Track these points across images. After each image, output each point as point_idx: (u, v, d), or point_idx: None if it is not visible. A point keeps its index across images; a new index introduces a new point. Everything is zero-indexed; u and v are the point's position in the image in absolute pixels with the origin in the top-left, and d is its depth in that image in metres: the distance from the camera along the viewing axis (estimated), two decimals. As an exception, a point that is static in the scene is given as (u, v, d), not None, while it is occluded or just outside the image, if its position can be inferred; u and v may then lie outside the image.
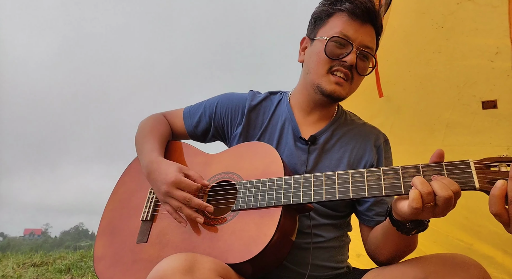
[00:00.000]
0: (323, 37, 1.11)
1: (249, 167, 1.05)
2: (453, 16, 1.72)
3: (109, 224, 1.17)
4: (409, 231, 0.86)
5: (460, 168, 0.77)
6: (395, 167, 0.84)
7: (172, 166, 1.04)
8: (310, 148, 1.14)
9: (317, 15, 1.16)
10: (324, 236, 1.10)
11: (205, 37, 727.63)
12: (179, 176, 1.00)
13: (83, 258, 3.40)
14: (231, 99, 1.27)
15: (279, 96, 1.29)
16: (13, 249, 16.12)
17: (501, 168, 0.74)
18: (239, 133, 1.22)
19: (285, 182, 0.96)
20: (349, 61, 1.07)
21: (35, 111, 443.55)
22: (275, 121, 1.22)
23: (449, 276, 0.79)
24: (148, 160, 1.11)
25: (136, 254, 1.05)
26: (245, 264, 0.89)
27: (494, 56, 1.61)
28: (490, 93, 1.64)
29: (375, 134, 1.21)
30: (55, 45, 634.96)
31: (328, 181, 0.91)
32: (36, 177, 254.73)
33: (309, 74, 1.14)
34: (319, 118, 1.21)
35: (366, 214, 1.11)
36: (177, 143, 1.29)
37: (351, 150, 1.16)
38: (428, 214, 0.77)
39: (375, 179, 0.85)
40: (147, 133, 1.23)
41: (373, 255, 1.07)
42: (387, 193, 0.82)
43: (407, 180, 0.80)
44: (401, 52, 1.95)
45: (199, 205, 0.99)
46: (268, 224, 0.92)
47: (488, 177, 0.73)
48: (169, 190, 1.00)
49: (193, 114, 1.31)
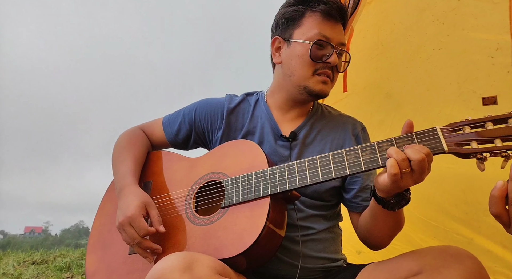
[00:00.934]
0: (304, 41, 1.13)
1: (234, 165, 1.07)
2: (454, 13, 1.72)
3: (98, 239, 1.17)
4: (394, 206, 0.90)
5: (429, 135, 0.82)
6: (371, 143, 0.88)
7: (136, 201, 1.02)
8: (292, 144, 1.17)
9: (290, 15, 1.17)
10: (314, 227, 1.12)
11: (209, 37, 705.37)
12: (136, 213, 0.99)
13: (84, 256, 3.40)
14: (209, 104, 1.28)
15: (255, 96, 1.31)
16: (14, 247, 16.16)
17: (465, 130, 0.79)
18: (220, 137, 1.23)
19: (270, 172, 0.99)
20: (332, 62, 1.12)
21: (35, 109, 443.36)
22: (255, 122, 1.24)
23: (443, 268, 0.80)
24: (120, 185, 1.11)
25: (129, 265, 1.05)
26: (240, 257, 0.90)
27: (495, 52, 1.62)
28: (491, 89, 1.65)
29: (351, 123, 1.25)
30: (58, 45, 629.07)
31: (311, 165, 0.94)
32: (37, 175, 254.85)
33: (293, 77, 1.16)
34: (297, 115, 1.24)
35: (353, 201, 1.15)
36: (158, 152, 1.29)
37: (331, 141, 1.19)
38: (407, 180, 0.81)
39: (354, 157, 0.89)
40: (122, 152, 1.22)
41: (365, 239, 1.11)
42: (366, 168, 0.87)
43: (383, 153, 0.85)
44: (402, 49, 1.96)
45: (147, 247, 0.99)
46: (259, 215, 0.93)
47: (455, 139, 0.80)
48: (123, 223, 0.99)
49: (172, 122, 1.31)
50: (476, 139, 0.78)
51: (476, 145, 0.77)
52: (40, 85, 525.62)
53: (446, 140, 0.80)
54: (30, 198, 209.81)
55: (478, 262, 0.81)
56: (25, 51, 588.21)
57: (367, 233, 1.08)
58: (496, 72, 1.62)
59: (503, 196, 0.69)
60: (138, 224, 0.98)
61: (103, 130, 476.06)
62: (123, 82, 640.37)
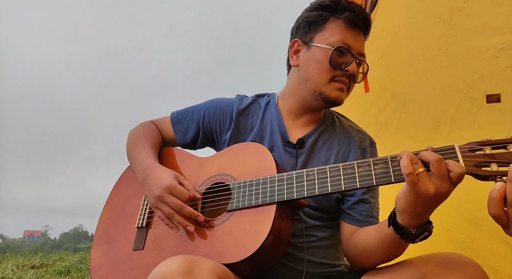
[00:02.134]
0: (325, 46, 1.10)
1: (242, 168, 1.06)
2: (459, 14, 1.76)
3: (104, 233, 1.17)
4: (414, 238, 0.82)
5: (446, 153, 0.78)
6: (384, 157, 0.84)
7: (168, 173, 1.05)
8: (298, 151, 1.15)
9: (313, 19, 1.15)
10: (316, 235, 1.10)
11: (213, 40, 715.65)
12: (174, 182, 1.01)
13: (83, 260, 3.38)
14: (219, 105, 1.27)
15: (266, 98, 1.29)
16: (13, 251, 16.10)
17: (486, 151, 0.75)
18: (228, 138, 1.21)
19: (278, 179, 0.97)
20: (351, 70, 1.10)
21: (35, 113, 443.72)
22: (265, 124, 1.22)
23: (445, 275, 0.79)
24: (145, 165, 1.11)
25: (133, 261, 1.05)
26: (243, 263, 0.89)
27: (499, 51, 1.65)
28: (495, 87, 1.69)
29: (360, 137, 1.22)
30: (63, 47, 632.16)
31: (320, 175, 0.92)
32: (36, 178, 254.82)
33: (309, 81, 1.14)
34: (307, 121, 1.22)
35: (347, 212, 1.10)
36: (170, 149, 1.29)
37: (337, 151, 1.17)
38: (426, 183, 0.74)
39: (366, 170, 0.85)
40: (139, 140, 1.23)
41: (356, 258, 1.02)
42: (377, 183, 0.83)
43: (396, 168, 0.81)
44: (407, 50, 1.99)
45: (190, 213, 0.99)
46: (264, 222, 0.92)
47: (474, 160, 0.75)
48: (163, 194, 1.00)
49: (181, 121, 1.31)
50: (497, 161, 0.73)
51: (497, 167, 0.73)
52: (42, 87, 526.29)
53: (464, 160, 0.76)
54: (29, 202, 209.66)
55: (480, 269, 0.80)
56: (29, 55, 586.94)
57: (363, 253, 0.98)
58: (500, 71, 1.66)
59: (502, 197, 0.69)
60: (179, 191, 1.00)
61: (103, 135, 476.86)
62: (128, 86, 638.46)
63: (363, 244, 0.98)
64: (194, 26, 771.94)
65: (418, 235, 0.82)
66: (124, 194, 1.22)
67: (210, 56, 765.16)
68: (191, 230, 0.98)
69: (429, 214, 0.80)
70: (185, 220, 0.99)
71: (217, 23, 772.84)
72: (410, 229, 0.81)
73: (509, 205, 0.68)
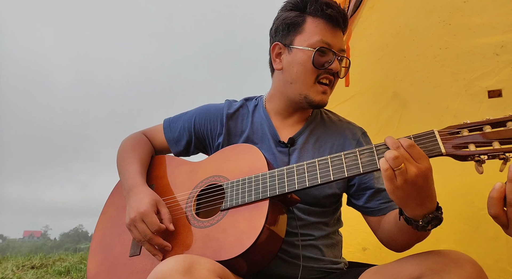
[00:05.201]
0: (306, 48, 1.12)
1: (234, 168, 1.07)
2: (460, 13, 1.79)
3: (100, 242, 1.18)
4: (424, 228, 0.84)
5: (427, 137, 0.82)
6: (369, 146, 0.88)
7: (148, 197, 1.04)
8: (290, 149, 1.17)
9: (290, 21, 1.15)
10: (313, 234, 1.11)
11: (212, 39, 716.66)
12: (149, 209, 1.00)
13: (83, 260, 3.38)
14: (208, 111, 1.29)
15: (254, 101, 1.31)
16: (13, 251, 16.10)
17: (463, 133, 0.79)
18: (220, 143, 1.23)
19: (269, 175, 0.99)
20: (334, 68, 1.12)
21: (37, 113, 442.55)
22: (255, 127, 1.23)
23: (444, 272, 0.79)
24: (130, 184, 1.12)
25: (130, 267, 1.06)
26: (239, 259, 0.90)
27: (500, 49, 1.69)
28: (496, 84, 1.72)
29: (350, 129, 1.24)
30: (69, 48, 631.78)
31: (310, 168, 0.94)
32: (36, 178, 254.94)
33: (294, 84, 1.15)
34: (296, 121, 1.24)
35: (366, 206, 1.13)
36: (161, 157, 1.30)
37: (330, 147, 1.18)
38: (400, 179, 0.76)
39: (352, 159, 0.88)
40: (128, 155, 1.24)
41: (389, 245, 1.08)
42: (364, 170, 0.86)
43: (381, 155, 0.84)
44: (408, 50, 2.00)
45: (158, 244, 1.00)
46: (258, 218, 0.93)
47: (453, 142, 0.79)
48: (135, 219, 1.00)
49: (173, 129, 1.32)
50: (474, 141, 0.77)
51: (474, 147, 0.77)
52: (44, 86, 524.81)
53: (444, 143, 0.80)
54: (29, 202, 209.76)
55: (478, 267, 0.80)
56: (32, 56, 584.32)
57: (391, 240, 1.05)
58: (501, 67, 1.69)
59: (501, 197, 0.69)
60: (150, 220, 0.99)
61: (103, 135, 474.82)
62: (129, 89, 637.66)
63: (390, 234, 1.03)
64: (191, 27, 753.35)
65: (426, 225, 0.83)
66: (119, 204, 1.22)
67: (208, 59, 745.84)
68: (159, 259, 0.99)
69: (429, 203, 0.81)
70: (154, 249, 1.00)
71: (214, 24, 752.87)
72: (418, 219, 0.83)
73: (509, 205, 0.68)
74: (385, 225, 1.06)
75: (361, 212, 1.17)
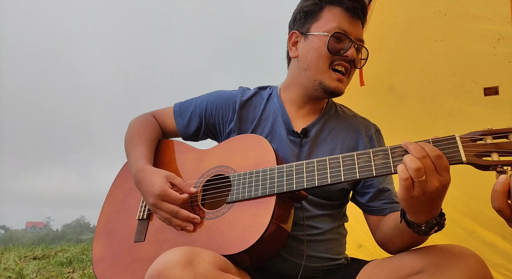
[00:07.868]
0: (322, 33, 1.10)
1: (242, 160, 1.05)
2: (456, 4, 1.74)
3: (105, 226, 1.17)
4: (425, 233, 0.83)
5: (447, 143, 0.77)
6: (384, 147, 0.83)
7: (158, 177, 1.03)
8: (302, 141, 1.15)
9: (308, 9, 1.15)
10: (320, 227, 1.10)
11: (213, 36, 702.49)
12: (164, 187, 1.00)
13: (85, 251, 3.41)
14: (221, 97, 1.26)
15: (268, 90, 1.29)
16: (15, 242, 16.20)
17: (487, 140, 0.74)
18: (231, 130, 1.21)
19: (277, 170, 0.96)
20: (350, 55, 1.09)
21: (38, 106, 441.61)
22: (267, 115, 1.22)
23: (446, 267, 0.79)
24: (135, 168, 1.11)
25: (134, 253, 1.05)
26: (242, 254, 0.89)
27: (496, 42, 1.64)
28: (492, 79, 1.67)
29: (365, 125, 1.22)
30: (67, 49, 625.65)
31: (320, 166, 0.91)
32: (38, 169, 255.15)
33: (308, 71, 1.14)
34: (310, 111, 1.22)
35: (369, 204, 1.12)
36: (169, 141, 1.28)
37: (342, 141, 1.16)
38: (419, 190, 0.74)
39: (365, 160, 0.84)
40: (135, 136, 1.22)
41: (384, 246, 1.06)
42: (377, 173, 0.82)
43: (396, 158, 0.80)
44: (404, 41, 1.97)
45: (186, 217, 0.99)
46: (263, 214, 0.91)
47: (475, 150, 0.74)
48: (156, 203, 1.00)
49: (183, 113, 1.30)
50: (498, 151, 0.72)
51: (497, 157, 0.72)
52: (43, 73, 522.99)
53: (465, 150, 0.74)
54: (32, 193, 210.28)
55: (481, 262, 0.79)
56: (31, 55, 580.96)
57: (387, 241, 1.03)
58: (497, 63, 1.64)
59: (505, 190, 0.67)
60: (170, 196, 0.99)
61: (105, 126, 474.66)
62: (130, 83, 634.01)
63: (388, 235, 1.01)
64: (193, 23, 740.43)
65: (428, 230, 0.82)
66: (125, 187, 1.22)
67: (210, 55, 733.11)
68: (190, 230, 0.99)
69: (435, 210, 0.80)
70: (183, 222, 1.00)
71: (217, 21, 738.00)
72: (421, 224, 0.82)
73: None
74: (384, 225, 1.04)
75: (362, 210, 1.16)
